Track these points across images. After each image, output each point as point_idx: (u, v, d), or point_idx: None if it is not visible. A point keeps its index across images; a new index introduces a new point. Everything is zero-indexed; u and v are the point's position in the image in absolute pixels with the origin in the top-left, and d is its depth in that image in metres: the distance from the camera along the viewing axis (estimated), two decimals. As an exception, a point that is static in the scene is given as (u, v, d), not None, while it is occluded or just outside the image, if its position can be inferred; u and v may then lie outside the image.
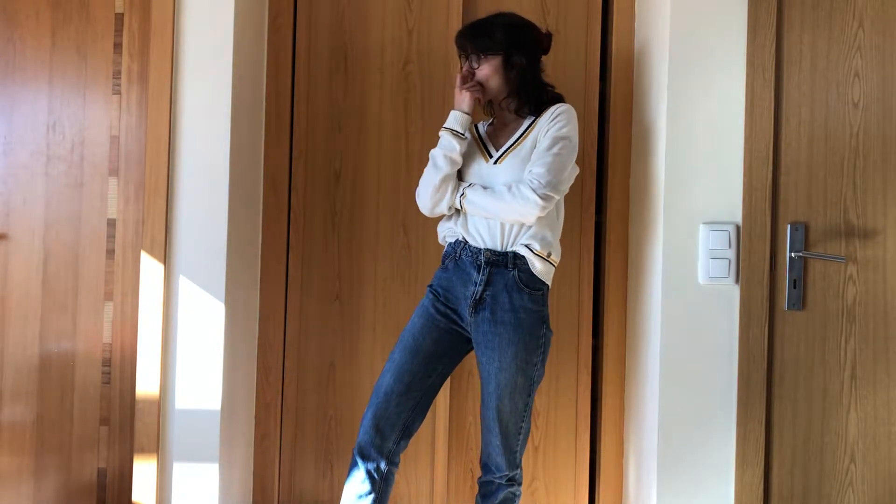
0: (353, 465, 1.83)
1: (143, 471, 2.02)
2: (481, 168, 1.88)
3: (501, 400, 1.80)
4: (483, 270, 1.82)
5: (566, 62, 2.34)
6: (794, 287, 1.95)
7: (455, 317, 1.87)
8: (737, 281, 1.95)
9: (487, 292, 1.82)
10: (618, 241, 2.27)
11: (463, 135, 1.86)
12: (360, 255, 2.33)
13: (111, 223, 2.16)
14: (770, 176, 1.94)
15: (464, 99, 1.88)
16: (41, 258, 2.16)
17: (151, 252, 2.03)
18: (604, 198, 2.31)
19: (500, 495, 1.87)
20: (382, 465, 1.81)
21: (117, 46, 2.15)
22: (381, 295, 2.33)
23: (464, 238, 1.88)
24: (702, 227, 1.96)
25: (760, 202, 1.94)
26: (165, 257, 2.03)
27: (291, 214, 2.32)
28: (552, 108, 1.86)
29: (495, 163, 1.87)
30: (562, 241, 2.32)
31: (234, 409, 2.12)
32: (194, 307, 2.02)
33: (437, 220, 2.33)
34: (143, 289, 2.03)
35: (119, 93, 2.15)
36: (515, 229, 1.83)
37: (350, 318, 2.33)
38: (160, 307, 2.02)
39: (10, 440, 2.16)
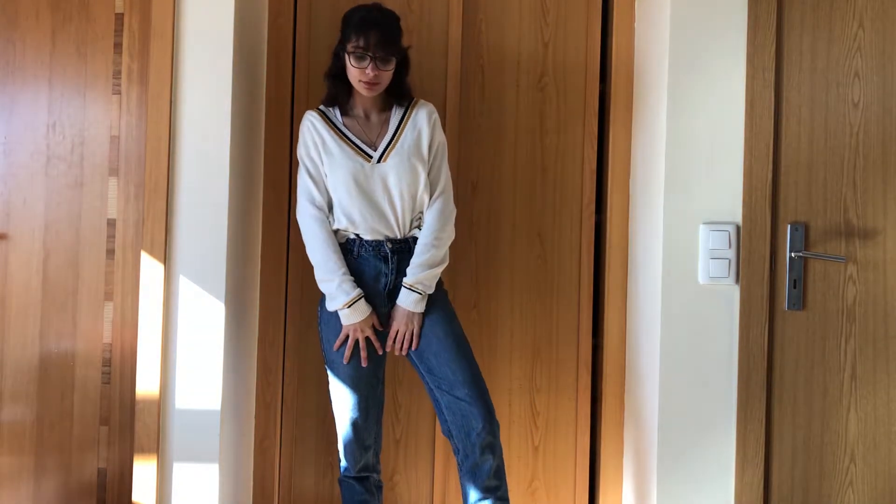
0: (352, 489, 1.96)
1: (143, 471, 2.02)
2: (364, 168, 1.89)
3: (456, 340, 1.90)
4: (391, 259, 1.91)
5: (566, 62, 2.34)
6: (794, 287, 1.95)
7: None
8: (737, 281, 1.95)
9: (399, 279, 1.91)
10: (618, 241, 2.27)
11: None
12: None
13: (111, 223, 2.16)
14: (770, 176, 1.94)
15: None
16: (41, 258, 2.16)
17: (151, 252, 2.02)
18: (604, 198, 2.31)
19: (488, 467, 1.86)
20: (375, 477, 2.00)
21: (117, 46, 2.15)
22: (381, 295, 2.33)
23: (356, 235, 1.91)
24: (702, 227, 1.96)
25: (760, 202, 1.94)
26: (165, 257, 2.03)
27: (291, 214, 2.32)
28: (427, 110, 1.97)
29: (378, 161, 1.90)
30: (562, 240, 2.34)
31: (234, 409, 2.12)
32: (194, 307, 2.02)
33: (437, 220, 2.33)
34: (143, 289, 2.03)
35: (119, 93, 2.15)
36: (409, 217, 1.92)
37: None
38: (160, 307, 2.02)
39: (10, 440, 2.16)
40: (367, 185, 1.88)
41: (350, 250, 1.92)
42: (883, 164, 1.96)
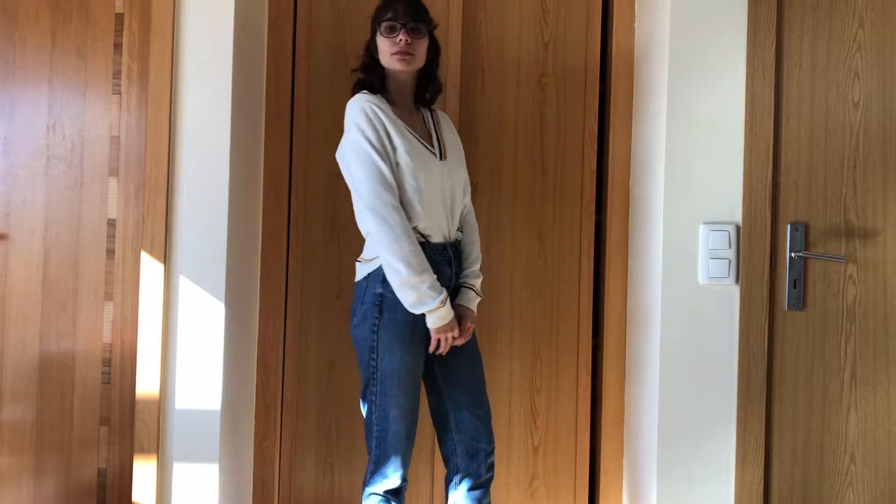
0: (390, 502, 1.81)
1: (143, 471, 2.03)
2: (437, 167, 1.82)
3: (481, 361, 1.93)
4: (454, 262, 1.87)
5: (566, 62, 2.34)
6: (794, 287, 1.95)
7: (424, 325, 1.79)
8: (737, 281, 1.95)
9: (456, 283, 1.88)
10: (618, 241, 2.27)
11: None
12: (359, 254, 2.33)
13: (111, 223, 2.16)
14: (770, 176, 1.94)
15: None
16: (41, 258, 2.16)
17: (151, 252, 2.03)
18: (604, 198, 2.31)
19: (486, 488, 1.89)
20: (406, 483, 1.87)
21: (117, 46, 2.15)
22: (381, 295, 2.33)
23: (424, 238, 1.79)
24: (702, 227, 1.96)
25: (760, 202, 1.94)
26: (165, 257, 2.03)
27: (291, 214, 2.32)
28: (447, 118, 2.00)
29: (441, 158, 1.86)
30: (562, 240, 2.34)
31: (234, 409, 2.12)
32: (194, 307, 2.02)
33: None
34: (143, 289, 2.03)
35: (119, 93, 2.15)
36: (459, 219, 1.90)
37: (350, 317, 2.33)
38: (160, 307, 2.02)
39: (10, 440, 2.16)
40: (437, 181, 1.80)
41: None
42: (883, 164, 1.96)
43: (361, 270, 1.85)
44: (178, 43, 2.04)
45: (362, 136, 1.74)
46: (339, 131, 2.34)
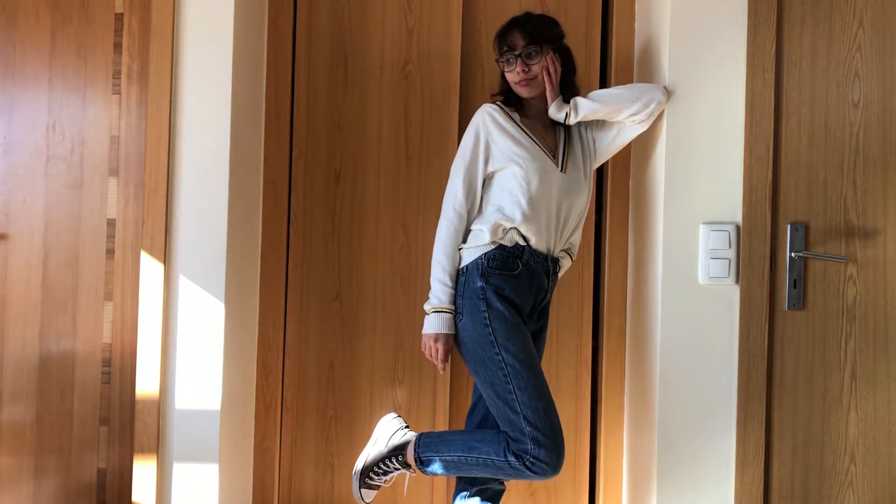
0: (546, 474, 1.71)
1: (143, 471, 2.02)
2: (556, 177, 1.84)
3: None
4: (552, 276, 1.88)
5: (566, 62, 2.33)
6: (794, 287, 1.95)
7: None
8: (737, 281, 1.95)
9: (549, 298, 1.90)
10: (618, 241, 2.27)
11: None
12: (359, 255, 2.33)
13: (111, 223, 2.16)
14: (770, 176, 1.94)
15: None
16: (41, 258, 2.16)
17: (151, 252, 2.03)
18: (604, 198, 2.31)
19: None
20: None
21: (117, 46, 2.15)
22: (380, 295, 2.33)
23: (526, 242, 1.81)
24: (702, 227, 1.95)
25: (760, 202, 1.94)
26: (165, 257, 2.03)
27: (291, 214, 2.32)
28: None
29: (562, 170, 1.87)
30: (562, 241, 2.34)
31: (234, 409, 2.12)
32: (194, 307, 2.02)
33: (436, 221, 2.33)
34: (143, 289, 2.03)
35: (119, 93, 2.15)
36: (569, 233, 1.89)
37: (350, 317, 2.33)
38: (160, 307, 2.02)
39: (10, 440, 2.16)
40: (552, 190, 1.83)
41: (517, 256, 1.80)
42: (883, 164, 1.96)
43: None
44: (178, 43, 2.04)
45: (464, 140, 1.86)
46: (338, 131, 2.35)
